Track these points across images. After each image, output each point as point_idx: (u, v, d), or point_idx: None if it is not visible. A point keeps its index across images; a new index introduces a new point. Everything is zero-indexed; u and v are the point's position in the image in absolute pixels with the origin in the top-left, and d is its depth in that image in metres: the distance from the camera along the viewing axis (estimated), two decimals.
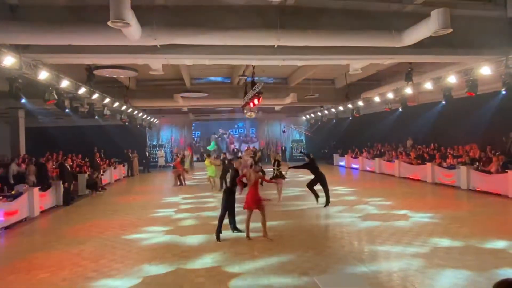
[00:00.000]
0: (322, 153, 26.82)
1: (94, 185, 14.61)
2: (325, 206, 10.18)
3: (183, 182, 16.22)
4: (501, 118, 13.05)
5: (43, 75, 9.07)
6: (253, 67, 11.65)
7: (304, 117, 27.15)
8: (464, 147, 14.60)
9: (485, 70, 9.83)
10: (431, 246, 6.65)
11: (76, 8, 7.61)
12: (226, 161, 14.28)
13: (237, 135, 29.12)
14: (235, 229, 7.92)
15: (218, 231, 7.52)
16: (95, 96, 12.46)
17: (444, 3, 7.93)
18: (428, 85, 12.25)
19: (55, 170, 13.30)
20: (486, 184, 11.92)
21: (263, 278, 5.48)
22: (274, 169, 11.32)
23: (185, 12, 7.96)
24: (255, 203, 7.35)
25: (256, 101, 12.25)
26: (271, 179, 10.43)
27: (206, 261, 6.29)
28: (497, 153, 12.44)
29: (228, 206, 7.73)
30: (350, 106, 17.90)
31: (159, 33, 7.60)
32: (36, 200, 10.57)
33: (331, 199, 10.40)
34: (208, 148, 27.46)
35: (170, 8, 7.93)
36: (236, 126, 28.93)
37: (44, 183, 11.81)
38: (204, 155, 17.80)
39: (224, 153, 17.02)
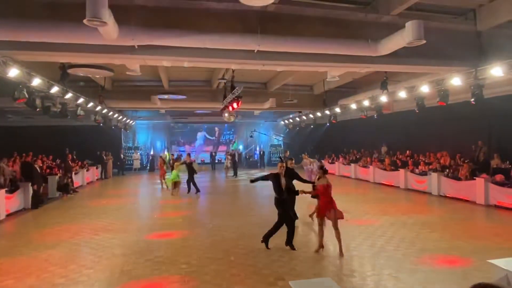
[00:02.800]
0: (300, 158, 27.05)
1: (65, 188, 14.12)
2: None
3: (162, 185, 15.84)
4: (470, 127, 13.61)
5: (13, 72, 8.69)
6: (233, 70, 11.62)
7: (282, 122, 27.35)
8: (436, 155, 15.13)
9: (456, 81, 10.23)
10: (403, 251, 6.82)
11: (51, 4, 7.34)
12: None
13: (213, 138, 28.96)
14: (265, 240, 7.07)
15: (267, 237, 6.98)
16: (69, 95, 12.06)
17: (419, 15, 8.24)
18: (402, 94, 12.62)
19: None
20: (456, 190, 12.38)
21: (238, 284, 5.44)
22: None
23: (164, 13, 7.86)
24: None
25: (235, 105, 12.23)
26: None
27: (180, 266, 6.18)
28: (466, 161, 12.96)
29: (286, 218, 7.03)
30: (327, 112, 18.19)
31: (137, 33, 7.47)
32: (1, 202, 10.10)
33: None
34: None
35: (149, 9, 7.80)
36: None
37: (34, 183, 11.80)
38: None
39: (189, 154, 16.58)
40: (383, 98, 13.56)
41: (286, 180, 7.13)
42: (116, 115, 19.40)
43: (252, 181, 7.50)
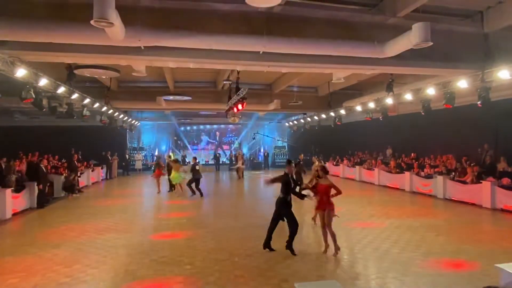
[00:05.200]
0: (304, 160, 27.01)
1: (70, 188, 14.20)
2: None
3: (159, 188, 14.89)
4: (476, 130, 13.50)
5: (21, 72, 8.76)
6: (238, 72, 11.64)
7: (287, 124, 27.31)
8: (441, 157, 15.02)
9: (462, 83, 10.16)
10: (408, 254, 6.77)
11: (58, 5, 7.41)
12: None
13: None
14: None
15: (267, 241, 6.93)
16: (75, 96, 12.14)
17: (425, 17, 8.19)
18: (408, 96, 12.55)
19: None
20: (462, 194, 12.27)
21: (242, 285, 5.43)
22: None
23: (170, 14, 7.89)
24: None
25: (240, 106, 12.24)
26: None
27: (185, 267, 6.18)
28: (472, 164, 12.85)
29: (279, 218, 7.01)
30: (332, 114, 18.14)
31: (144, 34, 7.50)
32: (8, 202, 10.17)
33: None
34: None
35: (156, 10, 7.84)
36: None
37: (39, 183, 11.82)
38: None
39: (195, 158, 15.97)
40: (389, 100, 13.49)
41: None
42: (121, 116, 19.50)
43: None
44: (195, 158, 14.65)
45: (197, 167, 13.46)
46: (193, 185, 13.51)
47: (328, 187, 6.90)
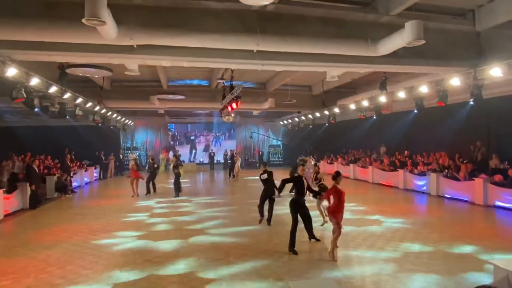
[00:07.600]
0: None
1: (63, 188, 14.07)
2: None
3: (135, 191, 14.07)
4: (469, 127, 13.63)
5: (11, 72, 8.65)
6: (232, 71, 11.61)
7: (281, 122, 27.34)
8: (435, 155, 15.14)
9: (455, 81, 10.23)
10: (402, 251, 6.82)
11: (49, 3, 7.29)
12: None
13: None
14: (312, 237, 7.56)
15: (292, 245, 6.80)
16: (67, 95, 12.01)
17: (418, 16, 8.23)
18: (401, 94, 12.62)
19: (22, 172, 12.72)
20: (455, 190, 12.39)
21: (238, 284, 5.42)
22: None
23: (163, 12, 7.82)
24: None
25: (234, 105, 12.22)
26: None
27: (179, 267, 6.16)
28: (465, 161, 12.97)
29: (302, 218, 7.19)
30: (326, 112, 18.18)
31: (136, 33, 7.44)
32: (0, 203, 10.04)
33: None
34: None
35: (148, 8, 7.76)
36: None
37: (32, 184, 11.75)
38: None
39: (152, 158, 15.82)
40: (382, 99, 13.56)
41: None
42: (114, 115, 19.35)
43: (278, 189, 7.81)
44: (152, 158, 15.56)
45: (155, 165, 14.79)
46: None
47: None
